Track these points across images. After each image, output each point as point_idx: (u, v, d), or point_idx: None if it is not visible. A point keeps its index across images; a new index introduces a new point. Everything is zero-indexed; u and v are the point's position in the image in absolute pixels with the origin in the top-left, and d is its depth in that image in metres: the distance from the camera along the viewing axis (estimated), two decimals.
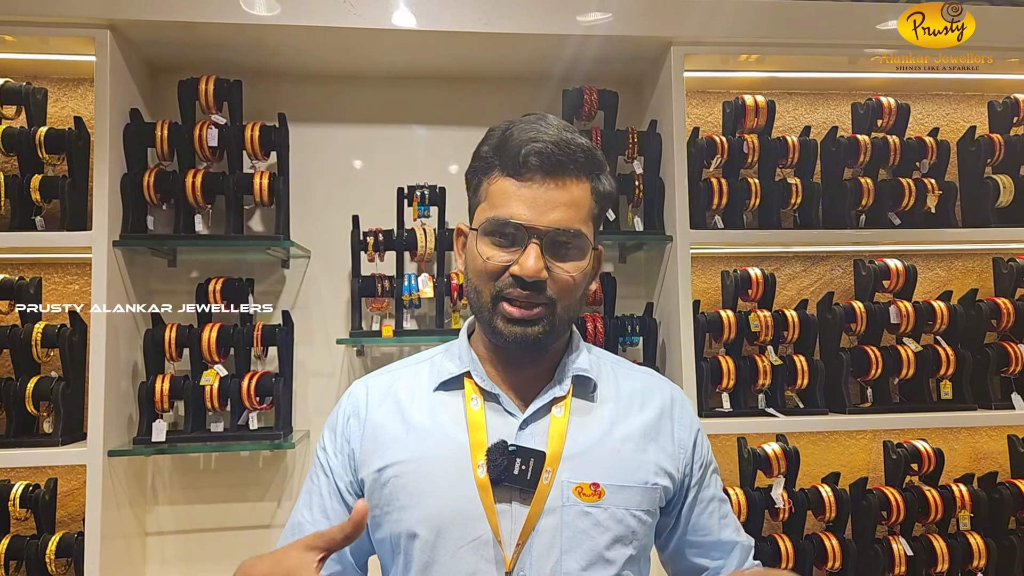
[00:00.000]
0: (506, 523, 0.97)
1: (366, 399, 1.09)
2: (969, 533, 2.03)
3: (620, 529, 1.00)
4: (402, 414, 1.06)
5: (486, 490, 0.97)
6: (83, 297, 2.04)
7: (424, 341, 2.04)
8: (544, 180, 0.97)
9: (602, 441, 1.04)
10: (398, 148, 2.23)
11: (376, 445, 1.05)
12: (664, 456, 1.07)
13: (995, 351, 2.13)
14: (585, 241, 1.00)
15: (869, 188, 2.14)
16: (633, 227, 2.13)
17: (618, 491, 1.01)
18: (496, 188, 1.00)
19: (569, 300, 1.01)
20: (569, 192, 0.98)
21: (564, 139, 0.98)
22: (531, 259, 0.96)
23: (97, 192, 1.82)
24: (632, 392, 1.11)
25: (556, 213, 0.97)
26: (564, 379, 1.06)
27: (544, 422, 1.03)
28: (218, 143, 1.96)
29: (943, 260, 2.40)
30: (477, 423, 1.02)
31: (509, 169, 0.98)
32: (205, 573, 2.05)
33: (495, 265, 0.98)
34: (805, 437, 2.25)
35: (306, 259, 2.16)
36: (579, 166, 0.99)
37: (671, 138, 2.03)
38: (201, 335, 1.91)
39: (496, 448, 0.98)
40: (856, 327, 2.13)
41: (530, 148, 0.96)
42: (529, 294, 0.97)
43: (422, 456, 1.02)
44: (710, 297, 2.28)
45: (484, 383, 1.05)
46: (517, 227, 0.97)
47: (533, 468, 0.97)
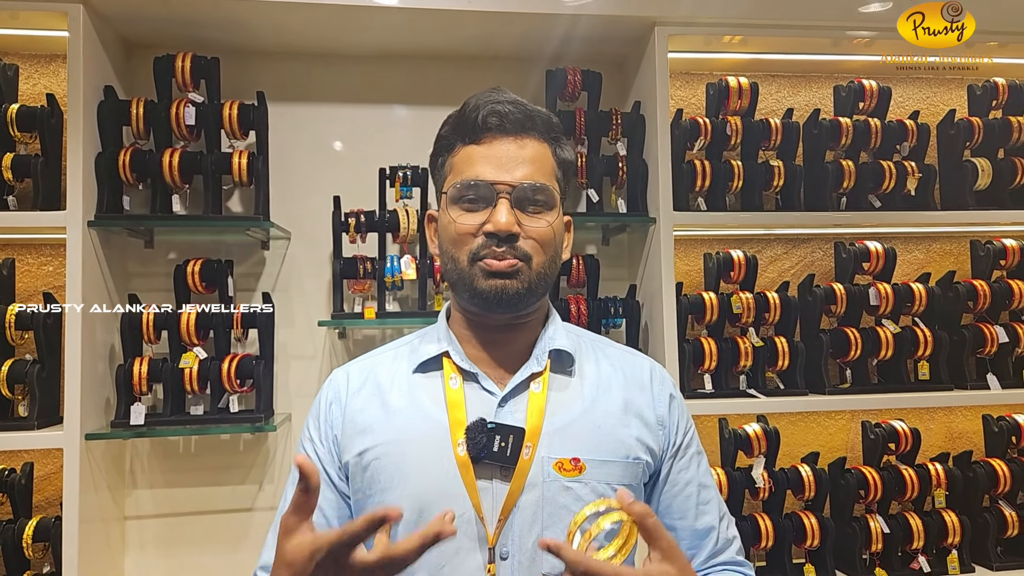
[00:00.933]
0: (487, 500, 0.97)
1: (346, 385, 1.09)
2: (944, 511, 2.07)
3: None
4: (381, 398, 1.06)
5: (467, 468, 0.98)
6: (58, 279, 2.00)
7: (407, 323, 2.03)
8: (504, 138, 1.00)
9: (582, 416, 1.04)
10: (380, 128, 2.20)
11: (356, 429, 1.04)
12: (645, 431, 1.06)
13: (971, 332, 2.16)
14: (553, 195, 1.01)
15: (850, 171, 2.15)
16: (616, 209, 2.13)
17: (599, 466, 1.01)
18: (459, 158, 1.02)
19: (544, 255, 1.01)
20: (530, 149, 1.00)
21: (521, 102, 1.01)
22: (502, 214, 0.97)
23: (71, 171, 1.78)
24: (612, 368, 1.11)
25: (521, 169, 0.99)
26: (541, 354, 1.06)
27: (523, 398, 1.03)
28: (195, 122, 1.92)
29: (922, 243, 2.42)
30: (456, 402, 1.02)
31: (469, 136, 1.01)
32: (186, 556, 2.03)
33: (466, 228, 0.99)
34: (785, 418, 2.27)
35: (286, 241, 2.13)
36: (537, 127, 1.02)
37: (655, 119, 2.03)
38: (180, 317, 1.89)
39: (475, 426, 0.98)
40: (836, 309, 2.15)
41: (488, 110, 0.99)
42: (504, 249, 0.98)
43: (402, 438, 1.01)
44: (692, 279, 2.29)
45: (463, 362, 1.05)
46: (485, 186, 0.98)
47: (513, 445, 0.97)
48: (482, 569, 0.96)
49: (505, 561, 0.96)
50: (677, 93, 2.34)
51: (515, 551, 0.96)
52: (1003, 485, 2.09)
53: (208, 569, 2.03)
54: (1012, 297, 2.19)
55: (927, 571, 2.03)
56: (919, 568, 2.03)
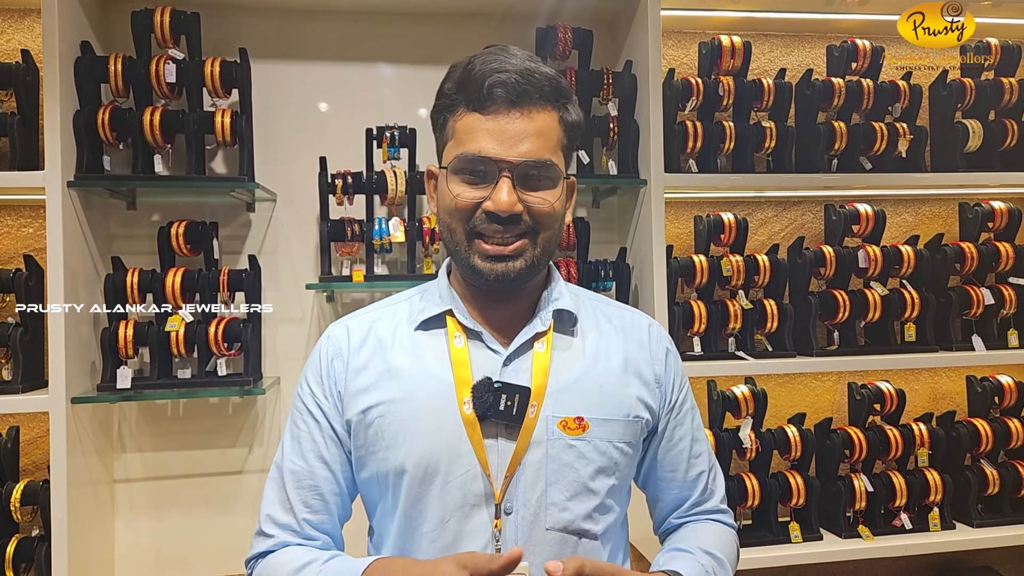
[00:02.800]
0: (493, 458, 0.99)
1: (347, 340, 1.08)
2: (927, 469, 2.10)
3: (603, 461, 1.02)
4: (384, 354, 1.05)
5: (473, 426, 0.98)
6: (38, 241, 1.96)
7: (396, 286, 2.01)
8: (509, 111, 0.95)
9: (585, 375, 1.05)
10: (367, 87, 2.15)
11: (359, 387, 1.04)
12: (644, 390, 1.08)
13: (958, 294, 2.18)
14: (556, 171, 0.99)
15: (842, 132, 2.14)
16: (607, 171, 2.11)
17: (601, 424, 1.02)
18: (462, 124, 0.98)
19: (548, 231, 1.00)
20: (536, 122, 0.96)
21: (528, 68, 0.96)
22: (503, 193, 0.95)
23: (49, 130, 1.73)
24: (612, 327, 1.12)
25: (525, 144, 0.95)
26: (545, 314, 1.06)
27: (527, 358, 1.04)
28: (176, 79, 1.87)
29: (911, 205, 2.42)
30: (461, 360, 1.02)
31: (473, 103, 0.97)
32: (176, 519, 2.04)
33: (466, 202, 0.97)
34: (773, 379, 2.29)
35: (272, 202, 2.10)
36: (544, 95, 0.97)
37: (646, 79, 1.99)
38: (164, 280, 1.86)
39: (481, 385, 0.99)
40: (825, 271, 2.16)
41: (494, 79, 0.94)
42: (504, 229, 0.97)
43: (407, 395, 1.01)
44: (683, 243, 2.28)
45: (466, 321, 1.05)
46: (486, 162, 0.95)
47: (519, 404, 0.98)
48: (488, 524, 0.98)
49: (510, 516, 0.98)
50: (669, 52, 2.30)
51: (520, 507, 0.98)
52: (985, 444, 2.13)
53: (199, 531, 2.04)
54: (999, 259, 2.20)
55: (909, 528, 2.07)
56: (901, 525, 2.07)
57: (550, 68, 0.99)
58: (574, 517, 1.00)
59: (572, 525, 1.00)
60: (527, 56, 0.98)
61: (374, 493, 1.05)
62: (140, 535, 2.02)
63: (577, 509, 1.00)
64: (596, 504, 1.01)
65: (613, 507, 1.05)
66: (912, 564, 2.29)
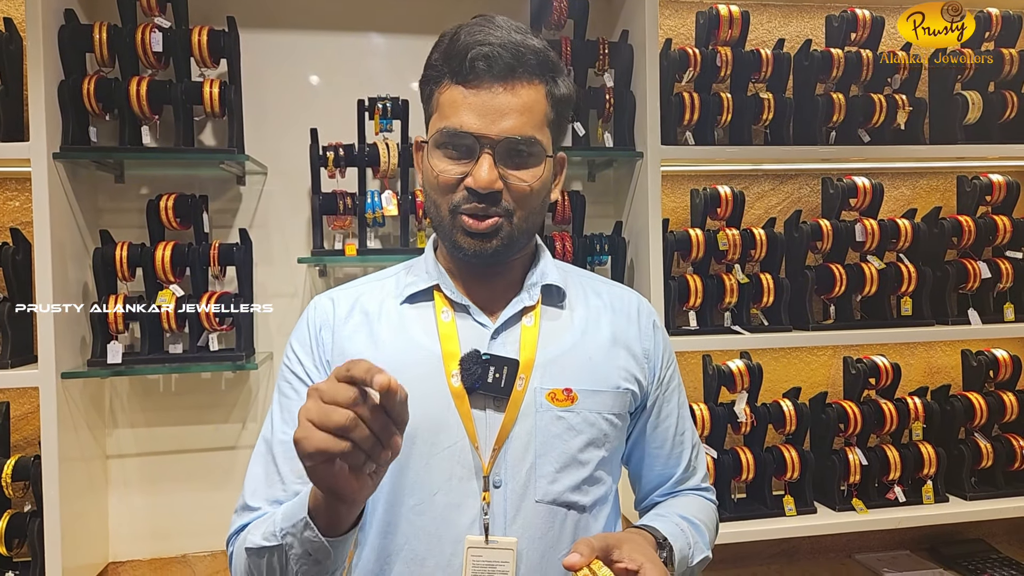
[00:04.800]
0: (482, 430, 0.99)
1: (333, 311, 1.07)
2: (921, 443, 2.11)
3: (593, 432, 1.02)
4: (370, 327, 1.05)
5: (461, 398, 0.98)
6: (24, 214, 1.93)
7: (389, 260, 1.98)
8: (492, 85, 0.93)
9: (573, 348, 1.05)
10: (358, 57, 2.11)
11: (346, 358, 1.00)
12: (632, 363, 1.09)
13: (955, 268, 2.17)
14: (540, 148, 0.97)
15: (840, 104, 2.11)
16: (603, 143, 2.08)
17: (590, 395, 1.03)
18: (446, 97, 0.96)
19: (526, 210, 0.99)
20: (520, 97, 0.94)
21: (513, 41, 0.93)
22: (483, 170, 0.93)
23: (33, 101, 1.69)
24: (601, 302, 1.12)
25: (508, 120, 0.93)
26: (533, 289, 1.07)
27: (515, 331, 1.04)
28: (163, 48, 1.83)
29: (909, 178, 2.40)
30: (449, 334, 1.02)
31: (457, 76, 0.95)
32: (170, 494, 2.03)
33: (448, 178, 0.96)
34: (768, 354, 2.28)
35: (263, 175, 2.07)
36: (530, 69, 0.95)
37: (643, 49, 1.96)
38: (154, 254, 1.83)
39: (470, 357, 0.99)
40: (822, 245, 2.14)
41: (477, 52, 0.92)
42: (484, 206, 0.95)
43: (394, 367, 0.97)
44: (679, 216, 2.26)
45: (453, 295, 1.05)
46: (467, 137, 0.94)
47: (507, 376, 0.98)
48: (476, 496, 0.97)
49: (498, 489, 0.98)
50: (666, 22, 2.26)
51: (508, 479, 0.98)
52: (979, 418, 2.13)
53: (193, 506, 2.03)
54: (996, 232, 2.19)
55: (902, 501, 2.08)
56: (895, 498, 2.08)
57: (538, 40, 0.97)
58: (563, 489, 0.99)
59: (561, 497, 0.99)
60: (515, 27, 0.96)
61: None
62: (134, 510, 2.01)
63: (566, 481, 0.99)
64: (585, 476, 1.01)
65: (603, 479, 1.04)
66: (905, 536, 2.30)
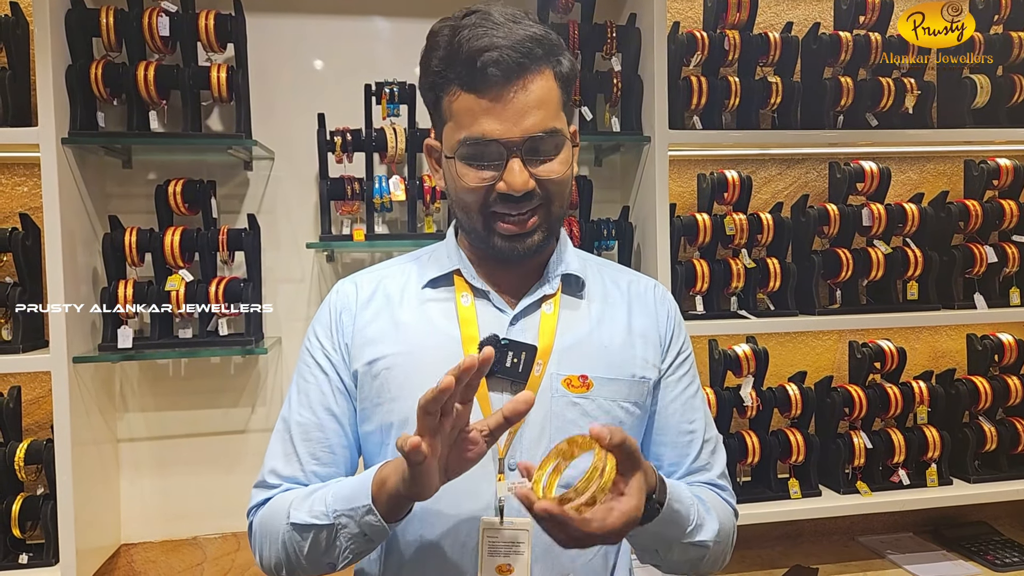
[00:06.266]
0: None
1: (356, 295, 1.10)
2: (925, 426, 2.12)
3: (607, 420, 1.02)
4: (392, 310, 1.07)
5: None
6: (34, 199, 1.93)
7: (397, 246, 1.99)
8: (507, 87, 0.93)
9: (590, 336, 1.06)
10: (365, 41, 2.10)
11: (367, 339, 1.05)
12: (650, 351, 1.10)
13: (961, 252, 2.17)
14: (561, 136, 0.98)
15: (849, 88, 2.10)
16: (610, 128, 2.07)
17: (606, 383, 1.04)
18: (459, 106, 0.95)
19: (561, 198, 1.01)
20: (534, 92, 0.94)
21: (518, 39, 0.92)
22: (515, 174, 0.94)
23: (41, 86, 1.69)
24: (618, 290, 1.14)
25: (528, 119, 0.94)
26: (554, 278, 1.08)
27: (534, 318, 1.05)
28: (170, 33, 1.82)
29: (916, 163, 2.40)
30: (468, 318, 1.04)
31: (468, 84, 0.94)
32: (181, 477, 2.05)
33: (477, 185, 0.97)
34: (774, 338, 2.29)
35: (270, 161, 2.07)
36: (537, 60, 0.94)
37: (651, 33, 1.95)
38: (163, 239, 1.84)
39: (488, 341, 1.00)
40: (829, 230, 2.14)
41: (487, 59, 0.91)
42: (520, 206, 0.97)
43: (414, 349, 1.03)
44: (685, 201, 2.26)
45: (474, 280, 1.06)
46: (493, 144, 0.94)
47: (525, 361, 1.00)
48: (492, 479, 0.99)
49: (513, 472, 0.99)
50: (674, 5, 2.25)
51: None
52: (984, 402, 2.14)
53: (204, 489, 2.05)
54: (1003, 217, 2.19)
55: (907, 484, 2.09)
56: (899, 481, 2.09)
57: (536, 24, 0.96)
58: (578, 474, 0.99)
59: (575, 482, 0.99)
60: (512, 18, 0.94)
61: (374, 449, 1.06)
62: (145, 493, 2.03)
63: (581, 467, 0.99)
64: None
65: None
66: (909, 519, 2.32)
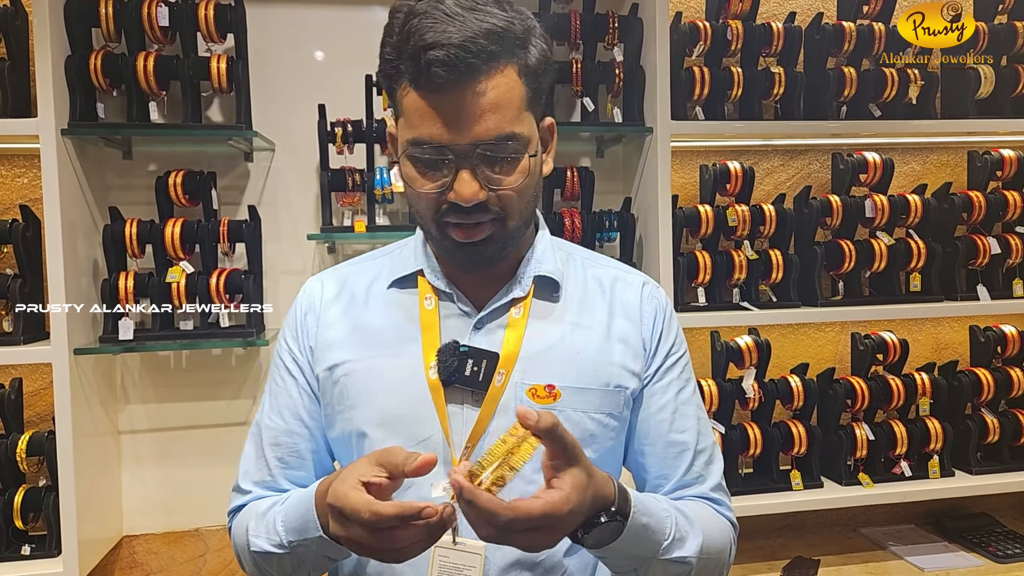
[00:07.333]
0: (457, 425, 0.95)
1: (321, 294, 1.06)
2: (928, 418, 2.11)
3: (577, 432, 0.92)
4: (355, 311, 1.03)
5: (437, 392, 0.95)
6: (33, 191, 1.93)
7: (398, 237, 1.93)
8: (455, 89, 0.83)
9: (561, 342, 0.99)
10: (366, 32, 2.08)
11: (329, 341, 1.02)
12: (630, 357, 1.01)
13: (964, 244, 2.16)
14: (521, 142, 0.88)
15: (852, 78, 2.09)
16: (612, 118, 2.06)
17: (575, 393, 0.96)
18: (409, 103, 0.87)
19: (518, 209, 0.92)
20: (489, 93, 0.84)
21: (471, 33, 0.82)
22: (464, 184, 0.86)
23: (40, 76, 1.68)
24: (600, 289, 1.05)
25: (481, 124, 0.84)
26: (525, 279, 1.00)
27: (501, 322, 0.99)
28: (169, 23, 1.82)
29: (919, 154, 2.39)
30: (430, 323, 0.98)
31: (415, 82, 0.85)
32: (182, 469, 2.05)
33: (427, 192, 0.89)
34: (776, 330, 2.29)
35: (270, 152, 2.06)
36: (494, 56, 0.84)
37: (653, 23, 1.94)
38: (164, 231, 1.83)
39: (447, 349, 0.94)
40: (832, 221, 2.13)
41: (431, 57, 0.81)
42: (472, 216, 0.89)
43: (374, 355, 0.99)
44: (688, 192, 2.25)
45: (438, 282, 1.00)
46: (440, 150, 0.86)
47: (485, 369, 0.94)
48: (447, 495, 0.87)
49: None
50: None
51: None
52: (986, 393, 2.14)
53: (205, 481, 2.05)
54: (1007, 208, 2.18)
55: (908, 475, 2.09)
56: (901, 473, 2.09)
57: (497, 13, 0.85)
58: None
59: None
60: (468, 5, 0.83)
61: (342, 455, 1.03)
62: (147, 485, 2.03)
63: None
64: None
65: None
66: (911, 511, 2.32)
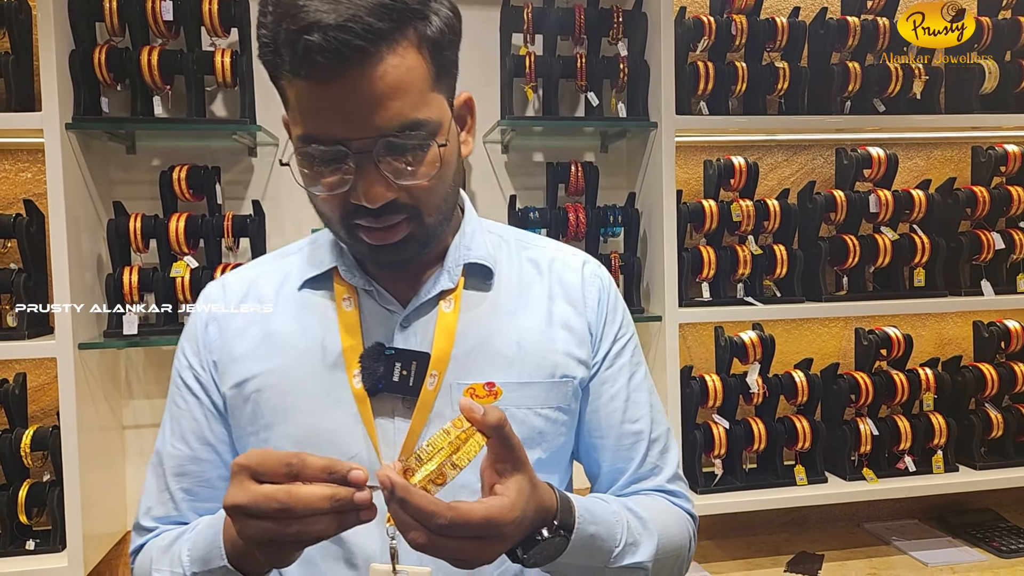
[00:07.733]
0: (388, 437, 0.86)
1: (223, 300, 0.94)
2: (932, 414, 2.11)
3: (523, 431, 0.86)
4: (264, 317, 0.91)
5: (363, 402, 0.85)
6: (37, 185, 1.92)
7: None
8: (341, 76, 0.71)
9: (497, 334, 0.90)
10: None
11: (235, 354, 0.90)
12: (575, 343, 0.93)
13: (968, 239, 2.16)
14: (429, 129, 0.77)
15: (856, 73, 2.09)
16: (616, 114, 2.06)
17: (518, 389, 0.88)
18: (294, 93, 0.76)
19: (434, 200, 0.82)
20: (384, 77, 0.72)
21: (352, 12, 0.69)
22: (368, 185, 0.76)
23: (44, 70, 1.68)
24: (537, 272, 0.97)
25: (379, 114, 0.73)
26: (454, 268, 0.91)
27: (430, 318, 0.89)
28: (173, 17, 1.81)
29: (923, 149, 2.39)
30: (351, 325, 0.88)
31: (293, 70, 0.73)
32: None
33: (328, 195, 0.79)
34: (780, 325, 2.29)
35: (274, 147, 2.05)
36: (384, 34, 0.71)
37: (657, 18, 1.94)
38: (168, 225, 1.83)
39: (370, 352, 0.85)
40: (836, 216, 2.13)
41: (309, 43, 0.69)
42: (383, 219, 0.79)
43: (288, 366, 0.88)
44: (692, 187, 2.25)
45: (355, 279, 0.90)
46: (335, 148, 0.74)
47: (416, 372, 0.85)
48: (382, 517, 0.77)
49: None
50: None
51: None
52: (990, 388, 2.14)
53: None
54: (1011, 203, 2.18)
55: (912, 470, 2.09)
56: (905, 468, 2.09)
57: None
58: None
59: None
60: None
61: None
62: None
63: None
64: None
65: None
66: (914, 506, 2.32)
